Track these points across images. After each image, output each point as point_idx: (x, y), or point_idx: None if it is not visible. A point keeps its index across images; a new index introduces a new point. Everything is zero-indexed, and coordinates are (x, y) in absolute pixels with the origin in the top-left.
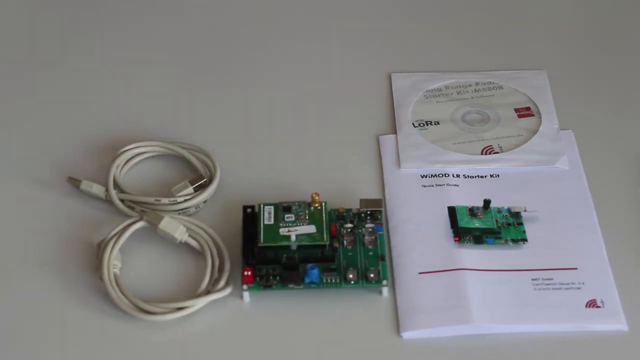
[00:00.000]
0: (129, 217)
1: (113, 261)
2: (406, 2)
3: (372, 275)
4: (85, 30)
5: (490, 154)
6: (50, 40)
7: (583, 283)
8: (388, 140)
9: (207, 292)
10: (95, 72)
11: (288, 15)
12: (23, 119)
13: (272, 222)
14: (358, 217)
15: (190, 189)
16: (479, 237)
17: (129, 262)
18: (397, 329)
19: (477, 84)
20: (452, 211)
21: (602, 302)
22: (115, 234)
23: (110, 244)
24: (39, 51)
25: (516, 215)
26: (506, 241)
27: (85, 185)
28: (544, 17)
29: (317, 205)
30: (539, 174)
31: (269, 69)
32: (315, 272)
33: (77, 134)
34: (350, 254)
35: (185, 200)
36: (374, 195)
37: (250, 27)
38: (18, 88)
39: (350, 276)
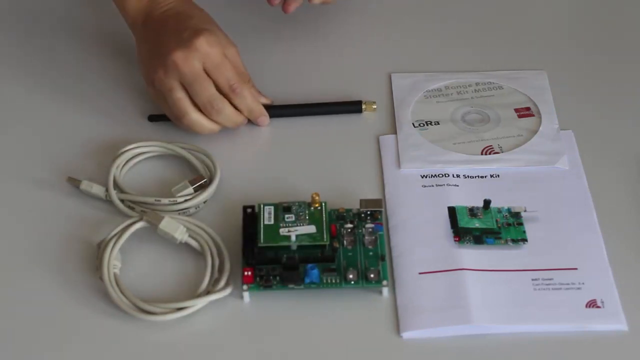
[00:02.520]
0: (129, 217)
1: (113, 261)
2: (406, 2)
3: (372, 276)
4: (86, 29)
5: (490, 154)
6: (50, 39)
7: (583, 283)
8: (388, 140)
9: (207, 292)
10: (95, 71)
11: (288, 15)
12: (23, 119)
13: (272, 222)
14: (358, 217)
15: (190, 189)
16: (479, 237)
17: (129, 262)
18: (397, 329)
19: (477, 84)
20: (452, 211)
21: (602, 302)
22: (115, 234)
23: (110, 244)
24: (39, 51)
25: (516, 215)
26: (506, 241)
27: (85, 185)
28: (544, 17)
29: (317, 205)
30: (539, 174)
31: (269, 69)
32: (315, 272)
33: (77, 134)
34: (350, 254)
35: (185, 201)
36: (374, 195)
37: (250, 26)
38: (18, 88)
39: (350, 276)
